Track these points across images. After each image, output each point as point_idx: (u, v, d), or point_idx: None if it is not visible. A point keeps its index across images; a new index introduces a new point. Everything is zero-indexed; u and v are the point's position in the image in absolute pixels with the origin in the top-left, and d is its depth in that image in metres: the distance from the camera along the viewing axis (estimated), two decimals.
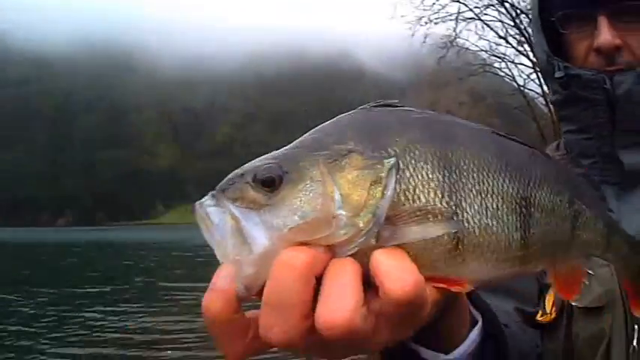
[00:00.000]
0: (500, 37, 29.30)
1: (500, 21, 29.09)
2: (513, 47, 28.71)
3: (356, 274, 0.48)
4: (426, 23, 27.66)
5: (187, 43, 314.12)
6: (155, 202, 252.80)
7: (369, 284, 0.50)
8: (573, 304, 1.07)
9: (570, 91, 1.25)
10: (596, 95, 1.19)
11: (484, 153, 0.59)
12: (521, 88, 29.31)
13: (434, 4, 27.60)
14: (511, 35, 28.77)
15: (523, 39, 26.92)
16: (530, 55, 23.29)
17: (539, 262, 0.64)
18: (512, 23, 28.51)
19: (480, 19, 29.00)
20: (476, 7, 28.45)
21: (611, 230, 0.71)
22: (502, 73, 32.38)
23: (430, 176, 0.53)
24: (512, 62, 29.63)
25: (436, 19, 27.92)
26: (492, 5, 28.23)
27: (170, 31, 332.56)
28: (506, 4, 28.22)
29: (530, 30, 24.74)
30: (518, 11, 28.50)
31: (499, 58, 31.37)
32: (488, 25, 29.42)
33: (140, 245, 48.59)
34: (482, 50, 32.12)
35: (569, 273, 0.68)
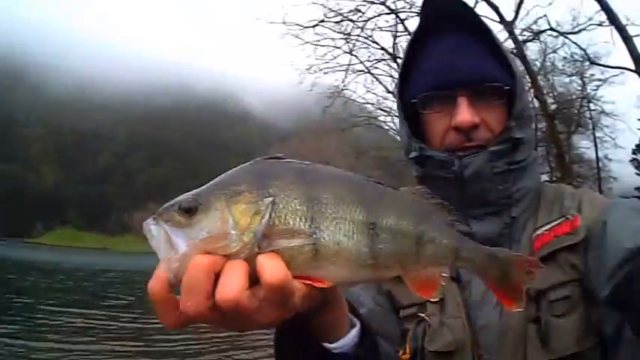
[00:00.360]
0: (389, 91, 30.33)
1: (390, 75, 30.14)
2: None
3: (243, 269, 0.70)
4: (315, 72, 28.07)
5: (81, 64, 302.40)
6: (35, 221, 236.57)
7: (257, 280, 0.71)
8: (426, 347, 1.27)
9: (426, 169, 1.41)
10: (447, 175, 1.33)
11: (341, 190, 0.79)
12: None
13: (325, 54, 28.20)
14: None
15: None
16: None
17: (389, 270, 0.83)
18: None
19: (370, 73, 29.97)
20: (367, 61, 29.33)
21: (459, 245, 0.89)
22: (387, 127, 33.46)
23: (297, 208, 0.75)
24: (398, 117, 30.53)
25: (326, 69, 28.45)
26: (384, 60, 29.30)
27: (64, 50, 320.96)
28: (399, 60, 29.40)
29: None
30: None
31: (385, 111, 32.33)
32: (377, 79, 30.38)
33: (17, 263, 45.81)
34: (369, 103, 33.09)
35: (424, 278, 0.86)
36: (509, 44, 26.12)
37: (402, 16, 27.25)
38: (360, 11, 26.69)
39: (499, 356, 1.23)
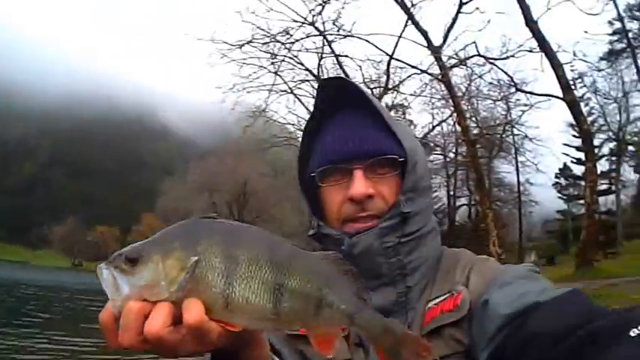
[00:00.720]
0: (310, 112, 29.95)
1: (313, 96, 29.80)
2: None
3: (166, 310, 0.84)
4: (239, 91, 27.68)
5: (2, 73, 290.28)
6: None
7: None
8: None
9: (324, 245, 1.48)
10: (341, 251, 1.34)
11: (257, 252, 0.90)
12: None
13: (250, 74, 27.69)
14: None
15: None
16: None
17: (291, 324, 0.93)
18: None
19: (293, 93, 29.58)
20: (291, 81, 29.01)
21: (354, 312, 0.96)
22: None
23: (217, 266, 0.87)
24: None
25: (250, 87, 28.03)
26: (308, 81, 28.99)
27: None
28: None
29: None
30: None
31: None
32: (299, 100, 30.14)
33: None
34: (290, 124, 32.74)
35: (322, 335, 0.96)
36: (435, 70, 26.43)
37: (330, 38, 27.14)
38: (288, 33, 26.79)
39: None
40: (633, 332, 0.85)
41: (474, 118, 33.09)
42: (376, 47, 27.04)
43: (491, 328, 1.13)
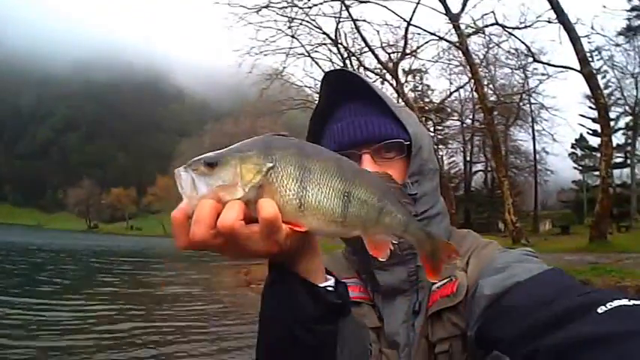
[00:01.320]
0: None
1: (330, 60, 29.85)
2: None
3: (239, 206, 0.88)
4: (256, 54, 27.64)
5: (18, 38, 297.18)
6: None
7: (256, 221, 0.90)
8: None
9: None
10: None
11: (327, 165, 0.98)
12: None
13: (267, 40, 27.64)
14: None
15: None
16: None
17: (354, 229, 1.01)
18: (341, 64, 29.40)
19: (310, 56, 29.50)
20: (308, 45, 28.94)
21: (408, 222, 1.07)
22: None
23: (291, 172, 0.93)
24: None
25: (266, 51, 27.99)
26: (325, 44, 28.87)
27: (0, 25, 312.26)
28: (340, 45, 29.08)
29: (358, 73, 25.82)
30: (350, 53, 29.49)
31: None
32: (317, 63, 30.07)
33: None
34: (307, 86, 32.72)
35: (378, 240, 1.04)
36: (453, 37, 26.19)
37: (347, 2, 26.94)
38: None
39: None
40: (601, 309, 0.89)
41: (491, 86, 32.91)
42: (394, 13, 26.84)
43: (478, 309, 1.19)
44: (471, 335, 1.20)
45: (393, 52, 29.72)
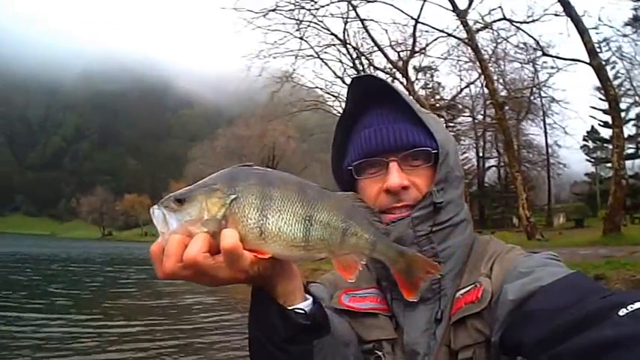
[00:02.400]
0: (337, 76, 30.15)
1: (339, 61, 30.01)
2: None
3: (204, 239, 0.96)
4: (265, 57, 27.84)
5: (27, 51, 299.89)
6: None
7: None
8: None
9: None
10: None
11: (288, 190, 1.02)
12: None
13: (275, 42, 27.85)
14: (348, 75, 29.74)
15: None
16: None
17: (319, 252, 1.04)
18: (351, 64, 29.59)
19: (319, 58, 29.68)
20: (317, 46, 29.14)
21: (375, 241, 1.10)
22: (335, 111, 33.30)
23: (253, 202, 0.99)
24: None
25: (276, 54, 28.20)
26: (334, 45, 29.06)
27: (8, 38, 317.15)
28: (349, 46, 29.25)
29: (368, 71, 26.09)
30: (359, 53, 29.63)
31: (333, 96, 32.29)
32: (326, 64, 30.24)
33: None
34: (317, 87, 32.89)
35: (346, 261, 1.07)
36: (461, 33, 26.30)
37: (354, 2, 27.10)
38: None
39: None
40: (622, 312, 0.88)
41: (501, 81, 32.92)
42: (401, 11, 27.00)
43: (502, 314, 1.19)
44: (495, 341, 1.21)
45: (402, 51, 29.76)
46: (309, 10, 27.23)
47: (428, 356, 1.40)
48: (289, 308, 1.10)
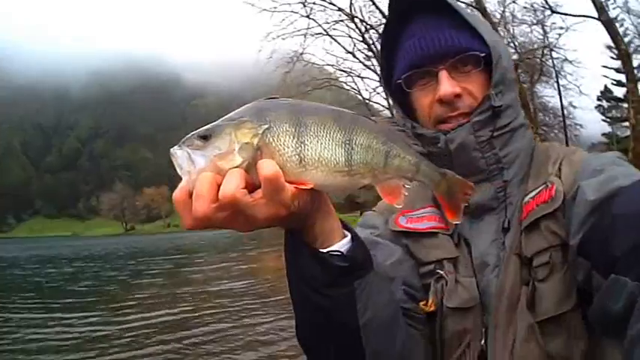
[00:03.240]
0: (348, 52, 30.19)
1: (349, 36, 30.02)
2: (360, 62, 29.45)
3: (239, 173, 0.87)
4: (274, 39, 27.92)
5: (34, 57, 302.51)
6: (5, 215, 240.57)
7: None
8: (444, 303, 1.36)
9: (419, 146, 1.37)
10: (436, 149, 1.43)
11: (323, 117, 0.97)
12: (367, 101, 30.10)
13: (283, 20, 27.86)
14: (359, 50, 29.77)
15: (371, 54, 27.72)
16: (377, 69, 24.06)
17: (362, 177, 1.00)
18: (360, 38, 29.58)
19: (328, 35, 29.74)
20: (325, 23, 29.15)
21: (418, 162, 1.07)
22: (348, 87, 33.35)
23: (287, 130, 0.93)
24: (359, 77, 30.27)
25: (285, 34, 28.25)
26: (342, 21, 29.10)
27: (13, 49, 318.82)
28: (356, 20, 29.28)
29: (378, 45, 26.05)
30: (368, 26, 29.64)
31: (345, 72, 32.33)
32: (336, 41, 30.27)
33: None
34: (329, 65, 32.95)
35: (390, 186, 1.04)
36: None
37: None
38: None
39: (496, 316, 1.32)
40: None
41: (512, 44, 32.83)
42: None
43: (581, 214, 1.14)
44: (573, 245, 1.16)
45: None
46: None
47: (498, 267, 1.38)
48: (325, 251, 1.04)
